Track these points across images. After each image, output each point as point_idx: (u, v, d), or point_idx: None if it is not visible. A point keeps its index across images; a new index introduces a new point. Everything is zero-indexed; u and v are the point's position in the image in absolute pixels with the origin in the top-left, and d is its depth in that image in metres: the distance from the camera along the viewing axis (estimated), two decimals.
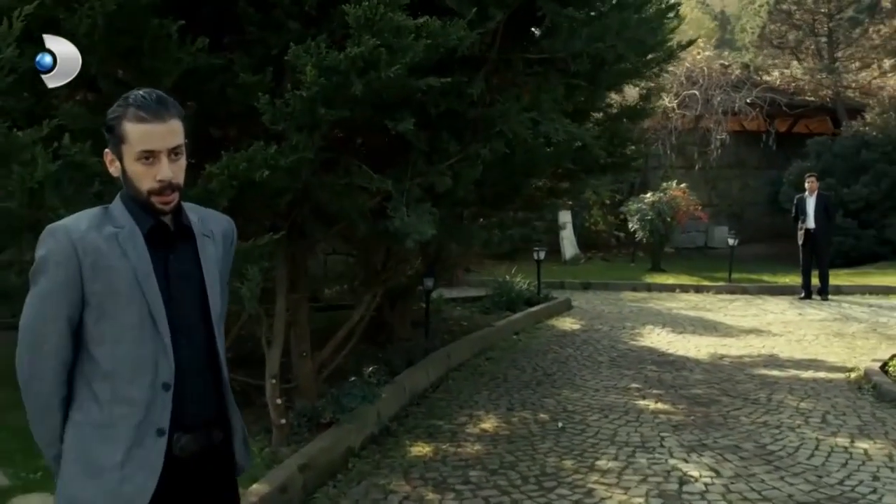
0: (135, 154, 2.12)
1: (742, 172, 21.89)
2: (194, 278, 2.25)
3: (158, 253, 2.19)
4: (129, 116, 2.11)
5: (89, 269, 2.11)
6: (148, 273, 2.14)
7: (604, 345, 9.83)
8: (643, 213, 16.75)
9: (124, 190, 2.21)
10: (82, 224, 2.16)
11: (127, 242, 2.15)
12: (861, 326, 10.62)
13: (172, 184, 2.15)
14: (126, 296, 2.13)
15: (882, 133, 18.09)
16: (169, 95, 2.25)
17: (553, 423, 6.54)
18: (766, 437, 6.06)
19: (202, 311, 2.26)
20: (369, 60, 3.86)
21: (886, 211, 17.59)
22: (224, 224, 2.42)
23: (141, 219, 2.18)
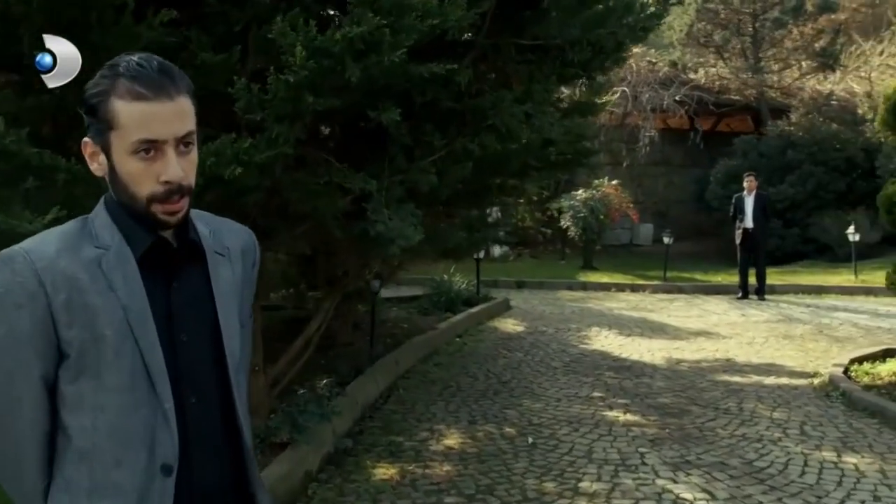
0: (129, 145, 1.52)
1: (667, 170, 21.93)
2: (205, 313, 1.67)
3: (157, 281, 1.61)
4: (121, 92, 1.51)
5: (62, 309, 1.53)
6: (143, 311, 1.56)
7: (553, 349, 9.45)
8: (576, 210, 16.48)
9: (110, 195, 1.62)
10: (49, 246, 1.57)
11: (114, 269, 1.56)
12: (806, 328, 10.51)
13: (182, 186, 1.55)
14: (113, 345, 1.54)
15: (807, 133, 18.27)
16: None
17: (522, 439, 6.10)
18: (751, 451, 5.73)
19: (216, 359, 1.67)
20: (370, 42, 3.30)
21: (811, 210, 17.75)
22: (243, 237, 1.82)
23: (133, 235, 1.59)
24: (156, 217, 1.57)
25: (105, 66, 1.57)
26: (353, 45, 3.35)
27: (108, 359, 1.54)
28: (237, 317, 1.72)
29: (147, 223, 1.59)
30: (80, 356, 1.54)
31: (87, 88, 1.57)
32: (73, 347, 1.54)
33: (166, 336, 1.59)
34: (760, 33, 20.48)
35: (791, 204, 17.56)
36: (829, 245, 17.14)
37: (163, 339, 1.58)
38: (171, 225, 1.59)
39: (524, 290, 14.79)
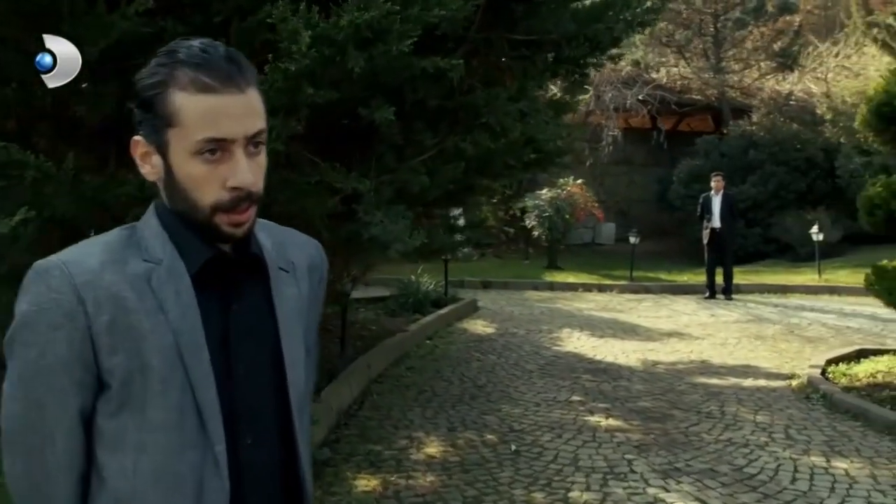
0: (192, 144, 1.31)
1: (629, 169, 21.95)
2: (266, 340, 1.44)
3: (213, 302, 1.39)
4: (183, 83, 1.31)
5: (105, 332, 1.31)
6: (196, 337, 1.35)
7: (526, 351, 9.29)
8: (541, 209, 16.37)
9: (161, 201, 1.41)
10: (92, 258, 1.35)
11: (165, 287, 1.35)
12: (777, 328, 10.49)
13: (252, 193, 1.34)
14: (160, 375, 1.33)
15: (768, 134, 18.39)
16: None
17: (504, 446, 5.92)
18: (739, 457, 5.63)
19: (277, 392, 1.45)
20: (378, 30, 3.08)
21: (773, 210, 17.86)
22: (310, 251, 1.59)
23: (188, 247, 1.38)
24: (219, 229, 1.35)
25: (161, 53, 1.35)
26: (360, 33, 3.14)
27: (154, 391, 1.33)
28: (302, 342, 1.49)
29: (207, 235, 1.37)
30: (122, 387, 1.33)
31: (141, 78, 1.36)
32: (116, 377, 1.33)
33: (221, 366, 1.37)
34: (722, 33, 20.59)
35: (753, 204, 17.63)
36: (791, 244, 17.25)
37: (217, 369, 1.36)
38: (237, 238, 1.38)
39: (490, 290, 14.64)
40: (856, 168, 16.74)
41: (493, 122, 4.06)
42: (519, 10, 4.32)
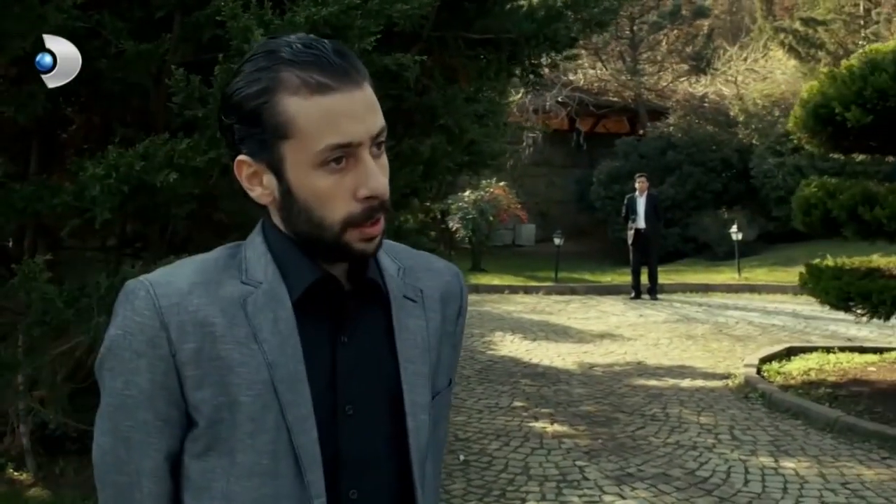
0: (314, 155, 1.13)
1: (548, 171, 22.06)
2: (383, 379, 1.25)
3: (319, 333, 1.20)
4: (293, 86, 1.13)
5: (190, 362, 1.15)
6: (295, 372, 1.16)
7: (461, 355, 9.13)
8: (465, 211, 16.28)
9: (269, 218, 1.22)
10: (182, 279, 1.19)
11: (261, 314, 1.17)
12: (706, 328, 10.60)
13: (384, 202, 1.18)
14: (251, 415, 1.15)
15: (685, 135, 18.71)
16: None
17: (452, 456, 5.77)
18: (689, 460, 5.60)
19: (394, 441, 1.24)
20: (338, 26, 2.88)
21: (690, 210, 18.16)
22: (445, 278, 1.37)
23: (294, 269, 1.20)
24: (350, 247, 1.17)
25: (256, 56, 1.17)
26: (317, 30, 2.93)
27: (244, 432, 1.15)
28: (428, 384, 1.28)
29: (335, 255, 1.19)
30: (210, 425, 1.16)
31: (237, 89, 1.16)
32: (203, 414, 1.16)
33: (326, 407, 1.19)
34: (638, 36, 20.87)
35: (672, 204, 17.87)
36: (709, 244, 17.56)
37: (321, 410, 1.18)
38: (369, 254, 1.20)
39: None
40: (769, 169, 17.16)
41: (451, 123, 3.90)
42: (473, 8, 4.16)
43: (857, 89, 6.20)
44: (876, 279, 6.44)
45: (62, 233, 3.63)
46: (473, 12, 4.20)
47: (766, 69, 21.98)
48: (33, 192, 3.70)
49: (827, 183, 6.67)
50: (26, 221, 4.34)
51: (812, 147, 7.26)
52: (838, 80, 6.40)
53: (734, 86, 20.92)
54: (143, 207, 3.36)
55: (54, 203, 3.54)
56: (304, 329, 1.19)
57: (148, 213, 3.61)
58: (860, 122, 6.16)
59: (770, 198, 17.21)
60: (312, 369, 1.18)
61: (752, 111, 18.96)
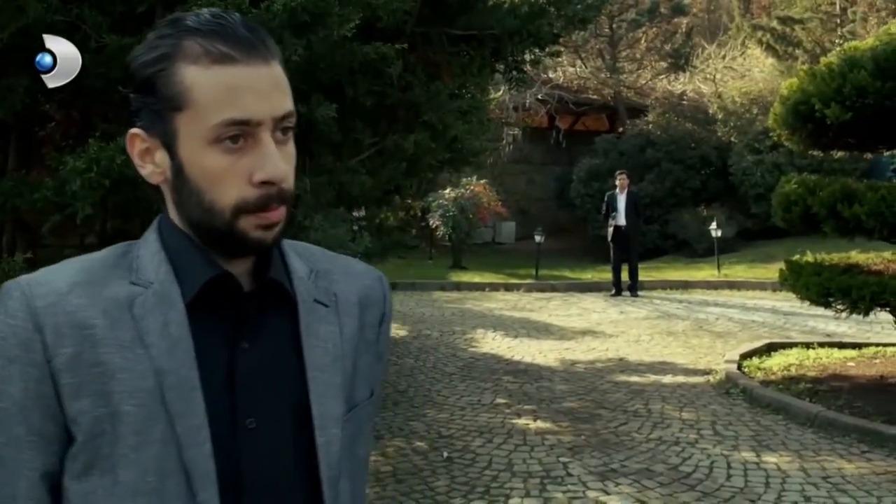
0: (209, 130, 1.03)
1: (528, 168, 22.09)
2: (288, 388, 1.13)
3: (217, 337, 1.09)
4: (194, 54, 1.04)
5: (67, 369, 1.02)
6: (186, 379, 1.04)
7: (443, 353, 9.15)
8: (445, 209, 16.27)
9: (166, 213, 1.13)
10: (62, 278, 1.07)
11: (150, 316, 1.06)
12: (686, 324, 10.64)
13: (283, 189, 1.06)
14: (135, 426, 1.03)
15: (664, 133, 18.79)
16: None
17: (435, 453, 5.77)
18: (672, 456, 5.62)
19: (303, 459, 1.12)
20: (316, 14, 2.85)
21: (670, 207, 18.24)
22: (364, 281, 1.26)
23: (188, 268, 1.09)
24: (245, 235, 1.06)
25: (163, 23, 1.09)
26: (296, 17, 2.90)
27: (127, 446, 1.02)
28: (341, 395, 1.15)
29: (228, 246, 1.08)
30: (89, 440, 1.03)
31: (136, 56, 1.08)
32: (81, 427, 1.03)
33: (224, 419, 1.06)
34: (617, 34, 20.93)
35: (651, 201, 17.95)
36: (688, 241, 17.65)
37: (217, 422, 1.05)
38: (267, 244, 1.08)
39: (397, 291, 14.40)
40: (748, 166, 17.26)
41: (434, 119, 3.88)
42: (456, 4, 4.15)
43: (836, 86, 6.24)
44: (855, 275, 6.49)
45: (43, 229, 3.58)
46: (456, 8, 4.19)
47: (744, 67, 22.09)
48: (12, 187, 3.65)
49: (807, 180, 6.71)
50: (5, 218, 4.29)
51: (792, 144, 7.30)
52: (818, 78, 6.44)
53: (713, 84, 21.03)
54: (124, 202, 3.33)
55: (34, 198, 3.50)
56: (199, 333, 1.07)
57: (129, 208, 3.57)
58: (839, 119, 6.21)
59: (749, 195, 17.31)
60: (207, 377, 1.06)
61: (730, 109, 19.06)
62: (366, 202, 4.21)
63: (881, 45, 6.22)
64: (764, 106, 18.13)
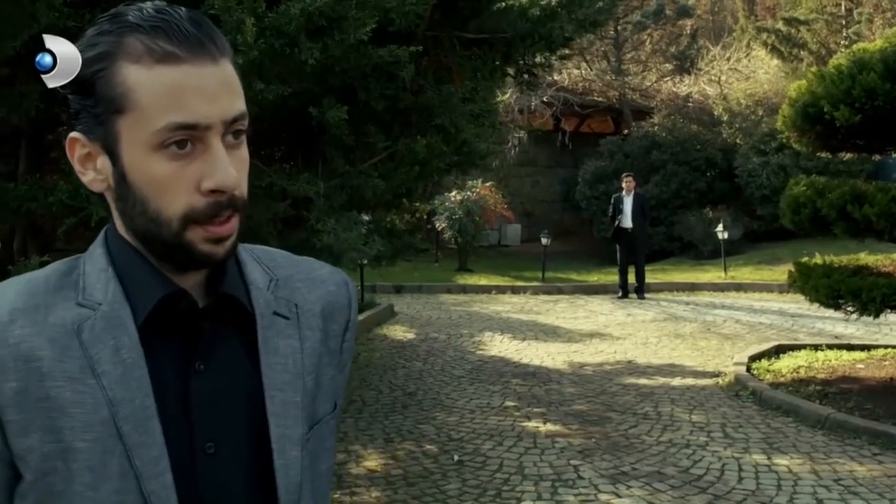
0: (153, 135, 0.96)
1: (533, 171, 22.09)
2: (245, 408, 1.07)
3: (170, 360, 1.02)
4: (136, 52, 0.96)
5: (12, 405, 0.96)
6: (142, 408, 0.98)
7: (451, 356, 9.15)
8: (451, 212, 16.27)
9: (113, 225, 1.06)
10: (2, 306, 0.99)
11: (100, 342, 0.99)
12: (693, 326, 10.64)
13: (235, 197, 0.99)
14: (89, 463, 0.97)
15: (670, 135, 18.78)
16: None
17: (446, 456, 5.77)
18: (683, 458, 5.61)
19: (262, 480, 1.06)
20: (332, 18, 2.86)
21: (675, 209, 18.23)
22: (329, 288, 1.18)
23: (139, 286, 1.02)
24: (193, 248, 0.99)
25: (101, 19, 1.01)
26: (312, 22, 2.91)
27: (83, 483, 0.96)
28: (301, 415, 1.09)
29: (176, 259, 1.01)
30: (39, 478, 0.97)
31: (79, 51, 1.00)
32: (29, 465, 0.97)
33: (182, 446, 1.01)
34: (622, 36, 20.93)
35: (657, 203, 17.95)
36: (694, 242, 17.64)
37: (176, 450, 1.00)
38: (217, 259, 1.01)
39: (404, 294, 14.45)
40: (754, 168, 17.25)
41: (446, 123, 3.89)
42: (468, 8, 4.16)
43: (845, 88, 6.24)
44: (865, 277, 6.49)
45: (59, 232, 3.59)
46: (468, 12, 4.20)
47: (748, 69, 22.10)
48: (27, 191, 3.66)
49: (816, 182, 6.71)
50: (18, 221, 4.30)
51: (800, 146, 7.30)
52: (827, 80, 6.44)
53: (718, 85, 21.04)
54: None
55: (50, 202, 3.51)
56: (153, 357, 1.01)
57: None
58: (849, 122, 6.21)
59: (754, 197, 17.31)
60: (164, 403, 1.00)
61: (735, 111, 19.07)
62: (378, 205, 4.21)
63: (890, 46, 6.22)
64: (769, 107, 18.14)
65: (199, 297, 1.05)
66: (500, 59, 4.35)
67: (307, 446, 1.09)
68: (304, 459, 1.09)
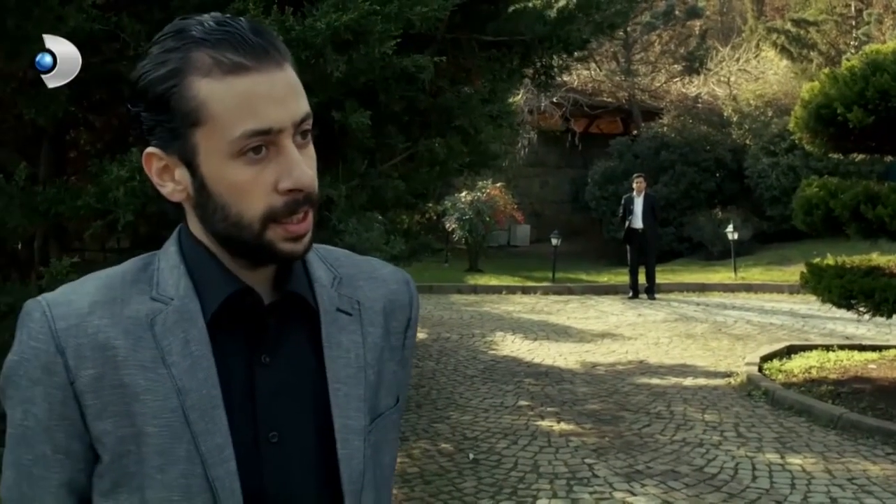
0: (230, 144, 1.00)
1: (542, 171, 22.12)
2: (310, 400, 1.12)
3: (238, 352, 1.08)
4: (205, 66, 1.00)
5: (90, 390, 1.03)
6: (209, 398, 1.05)
7: (464, 356, 9.20)
8: (461, 212, 16.31)
9: (186, 226, 1.11)
10: (83, 297, 1.07)
11: (171, 334, 1.05)
12: (704, 327, 10.66)
13: (310, 194, 1.05)
14: (159, 447, 1.04)
15: (679, 135, 18.80)
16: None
17: (461, 455, 5.82)
18: (697, 457, 5.66)
19: (325, 471, 1.11)
20: (358, 31, 2.91)
21: (685, 210, 18.24)
22: (390, 286, 1.23)
23: (208, 282, 1.08)
24: (274, 247, 1.04)
25: (165, 35, 1.04)
26: (339, 35, 2.96)
27: (152, 466, 1.03)
28: (363, 407, 1.14)
29: (258, 257, 1.07)
30: (115, 459, 1.04)
31: (144, 73, 1.03)
32: (106, 447, 1.04)
33: (247, 435, 1.06)
34: (632, 37, 20.95)
35: (666, 203, 17.94)
36: (703, 243, 17.64)
37: (241, 438, 1.06)
38: (297, 255, 1.07)
39: None
40: (763, 169, 17.26)
41: (466, 124, 3.94)
42: (486, 10, 4.21)
43: (858, 90, 6.27)
44: (878, 277, 6.52)
45: (86, 234, 3.65)
46: (487, 15, 4.25)
47: (758, 69, 22.10)
48: (55, 194, 3.72)
49: (829, 183, 6.74)
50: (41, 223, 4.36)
51: (813, 148, 7.33)
52: (840, 81, 6.47)
53: (727, 86, 21.05)
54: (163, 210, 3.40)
55: (77, 205, 3.57)
56: (221, 349, 1.07)
57: (166, 216, 3.65)
58: (862, 123, 6.24)
59: (764, 197, 17.32)
60: (229, 393, 1.06)
61: (745, 111, 19.07)
62: (398, 206, 4.27)
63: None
64: (779, 108, 18.15)
65: (267, 294, 1.11)
66: (518, 60, 4.41)
67: (369, 438, 1.14)
68: (367, 450, 1.13)
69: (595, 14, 4.29)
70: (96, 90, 4.00)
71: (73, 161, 5.24)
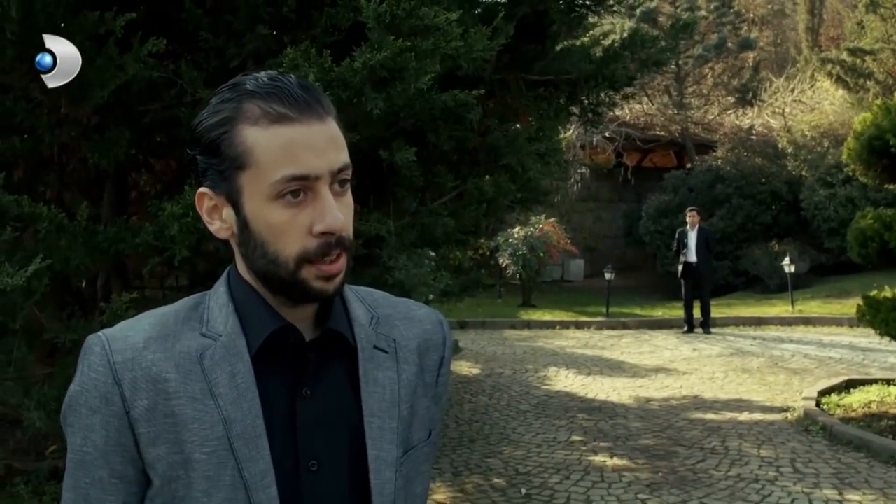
0: (271, 186, 1.11)
1: (595, 206, 22.08)
2: (347, 432, 1.21)
3: (279, 386, 1.18)
4: (254, 116, 1.11)
5: (144, 419, 1.13)
6: (252, 427, 1.14)
7: (517, 391, 9.21)
8: (515, 248, 16.35)
9: (235, 267, 1.22)
10: (138, 333, 1.18)
11: (219, 368, 1.15)
12: (761, 361, 10.52)
13: (343, 238, 1.14)
14: (206, 473, 1.13)
15: (734, 168, 18.65)
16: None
17: (513, 490, 5.83)
18: (752, 493, 5.59)
19: (359, 498, 1.20)
20: (393, 69, 3.02)
21: (740, 243, 18.04)
22: (425, 326, 1.32)
23: (254, 319, 1.18)
24: (306, 285, 1.13)
25: (223, 89, 1.17)
26: (375, 73, 3.07)
27: (199, 490, 1.12)
28: (396, 440, 1.22)
29: (292, 295, 1.16)
30: (165, 484, 1.14)
31: (202, 120, 1.16)
32: (157, 472, 1.14)
33: (288, 462, 1.16)
34: (683, 70, 20.92)
35: (722, 237, 17.78)
36: (760, 276, 17.42)
37: (282, 466, 1.15)
38: (329, 295, 1.16)
39: (469, 330, 14.53)
40: (820, 200, 17.03)
41: (514, 162, 4.02)
42: (533, 50, 4.30)
43: None
44: None
45: (144, 271, 3.80)
46: (533, 55, 4.33)
47: (813, 100, 21.87)
48: (116, 233, 3.88)
49: (883, 214, 6.66)
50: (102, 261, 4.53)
51: (867, 179, 7.25)
52: (892, 112, 6.42)
53: (781, 117, 20.87)
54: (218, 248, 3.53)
55: (136, 243, 3.71)
56: (264, 382, 1.16)
57: (221, 254, 3.78)
58: None
59: (821, 229, 17.06)
60: (272, 424, 1.15)
61: (800, 142, 18.87)
62: (448, 242, 4.35)
63: None
64: (835, 139, 17.92)
65: (308, 331, 1.20)
66: (565, 98, 4.49)
67: (401, 469, 1.22)
68: (399, 480, 1.22)
69: (640, 52, 4.36)
70: (156, 134, 4.17)
71: (134, 202, 5.44)
